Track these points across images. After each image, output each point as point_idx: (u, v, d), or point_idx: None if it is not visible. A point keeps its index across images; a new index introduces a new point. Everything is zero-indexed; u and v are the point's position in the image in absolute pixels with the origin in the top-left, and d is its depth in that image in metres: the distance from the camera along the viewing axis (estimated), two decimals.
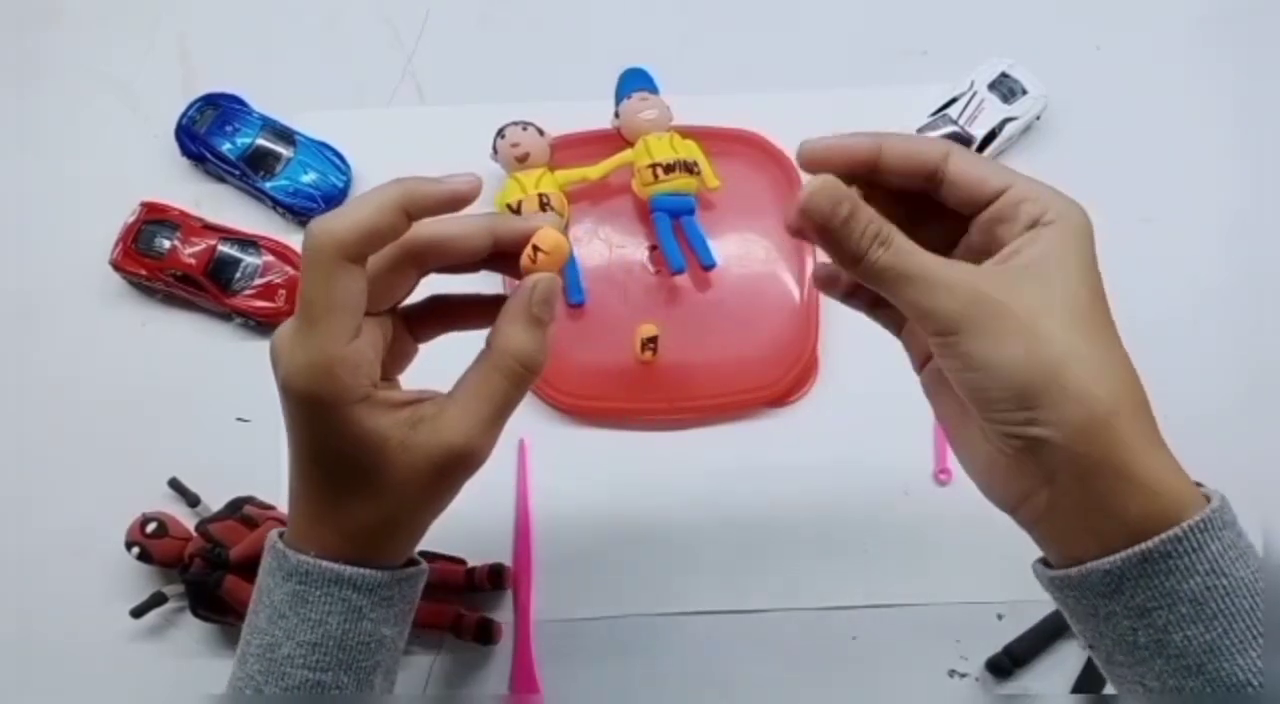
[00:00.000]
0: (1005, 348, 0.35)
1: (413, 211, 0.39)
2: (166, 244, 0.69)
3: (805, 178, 0.38)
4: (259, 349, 0.70)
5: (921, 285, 0.36)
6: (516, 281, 0.41)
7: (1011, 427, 0.36)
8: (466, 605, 0.64)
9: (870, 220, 0.37)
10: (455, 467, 0.40)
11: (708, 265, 0.69)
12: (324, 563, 0.40)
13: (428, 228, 0.40)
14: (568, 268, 0.69)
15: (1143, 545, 0.34)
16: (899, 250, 0.37)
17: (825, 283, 0.44)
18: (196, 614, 0.62)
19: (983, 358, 0.35)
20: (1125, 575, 0.35)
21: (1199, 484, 0.37)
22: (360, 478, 0.39)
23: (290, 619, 0.40)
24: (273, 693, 0.40)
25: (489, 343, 0.41)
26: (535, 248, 0.40)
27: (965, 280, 0.36)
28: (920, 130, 0.72)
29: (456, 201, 0.40)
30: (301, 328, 0.38)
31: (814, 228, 0.37)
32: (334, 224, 0.37)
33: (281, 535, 0.42)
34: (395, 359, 0.44)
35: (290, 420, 0.40)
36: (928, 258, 0.37)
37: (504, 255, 0.42)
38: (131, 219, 0.70)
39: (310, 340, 0.38)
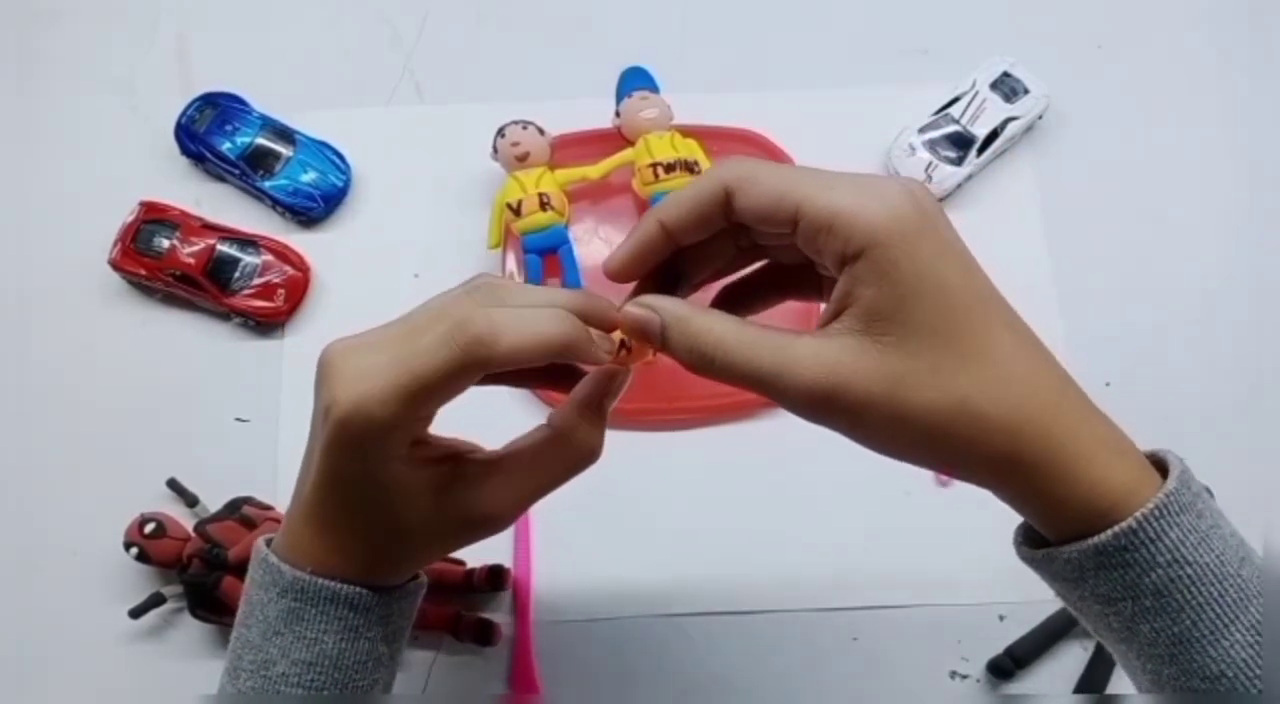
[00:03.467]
0: (881, 437, 0.34)
1: (568, 357, 0.36)
2: (165, 243, 0.69)
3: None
4: (258, 349, 0.70)
5: (770, 390, 0.34)
6: None
7: (940, 470, 0.35)
8: (466, 606, 0.64)
9: (688, 330, 0.35)
10: (478, 530, 0.39)
11: None
12: (321, 581, 0.38)
13: (502, 348, 0.35)
14: (567, 268, 0.69)
15: (1096, 539, 0.33)
16: (728, 350, 0.35)
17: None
18: (195, 615, 0.61)
19: (869, 445, 0.34)
20: (1084, 566, 0.34)
21: (1155, 456, 0.36)
22: (381, 518, 0.38)
23: (285, 636, 0.39)
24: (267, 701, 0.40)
25: (554, 426, 0.39)
26: (623, 344, 0.39)
27: (803, 377, 0.33)
28: (922, 130, 0.71)
29: (594, 362, 0.38)
30: (389, 388, 0.35)
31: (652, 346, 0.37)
32: (499, 344, 0.34)
33: (269, 542, 0.41)
34: None
35: (323, 445, 0.37)
36: (761, 351, 0.34)
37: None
38: (130, 218, 0.70)
39: (393, 403, 0.35)
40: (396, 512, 0.38)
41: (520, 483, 0.39)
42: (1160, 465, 0.36)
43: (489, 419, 0.41)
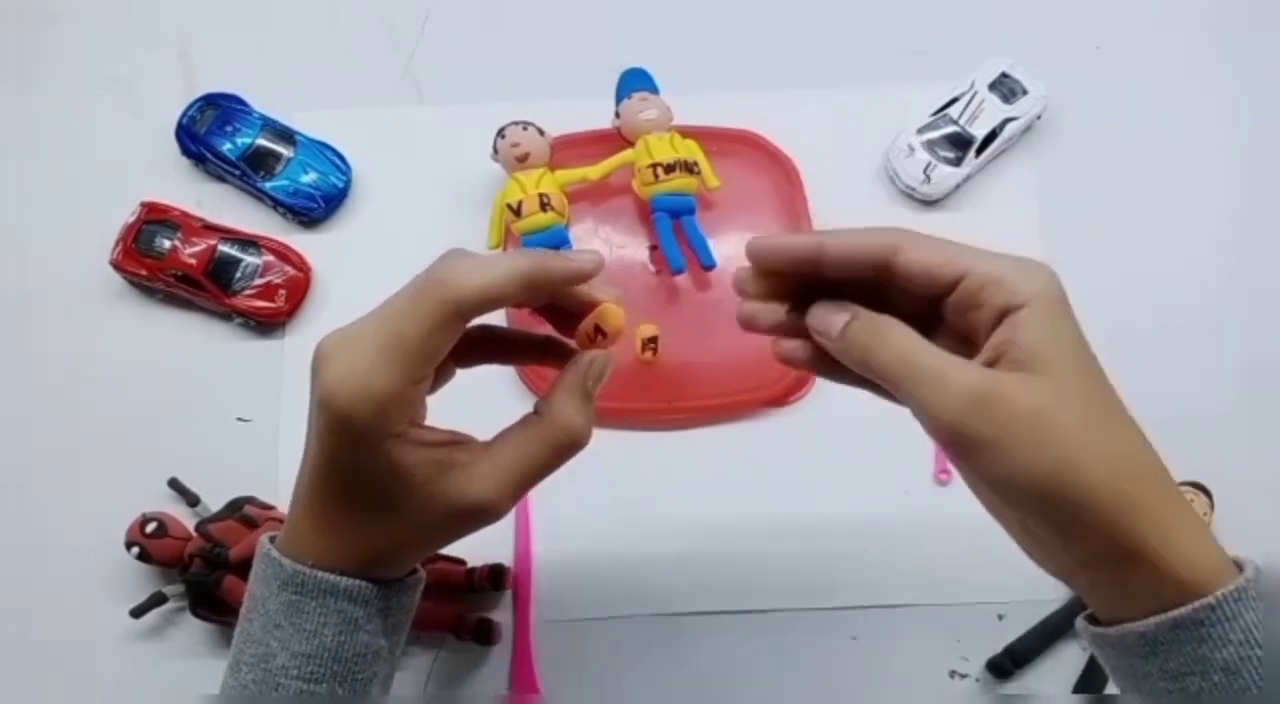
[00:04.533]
0: (1016, 457, 0.34)
1: (536, 286, 0.38)
2: (167, 244, 0.69)
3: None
4: (259, 349, 0.70)
5: (926, 387, 0.35)
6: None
7: (1039, 523, 0.36)
8: (466, 606, 0.64)
9: (870, 323, 0.37)
10: (472, 519, 0.40)
11: (708, 265, 0.69)
12: (320, 573, 0.39)
13: (469, 286, 0.37)
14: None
15: (1176, 612, 0.34)
16: (901, 344, 0.37)
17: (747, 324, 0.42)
18: (196, 614, 0.62)
19: (993, 468, 0.35)
20: (1159, 640, 0.35)
21: (1232, 556, 0.37)
22: (376, 505, 0.39)
23: (285, 629, 0.40)
24: (268, 699, 0.40)
25: (540, 412, 0.41)
26: (598, 329, 0.41)
27: (967, 383, 0.35)
28: (921, 130, 0.72)
29: (580, 278, 0.40)
30: (373, 355, 0.37)
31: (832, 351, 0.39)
32: (465, 280, 0.37)
33: (272, 539, 0.41)
34: (435, 382, 0.43)
35: (318, 431, 0.38)
36: (934, 358, 0.36)
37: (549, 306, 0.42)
38: (132, 219, 0.70)
39: (379, 369, 0.36)
40: (391, 497, 0.38)
41: (510, 468, 0.40)
42: (1238, 563, 0.37)
43: (484, 415, 0.42)
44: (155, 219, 0.70)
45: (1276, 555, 0.37)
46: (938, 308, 0.38)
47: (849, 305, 0.39)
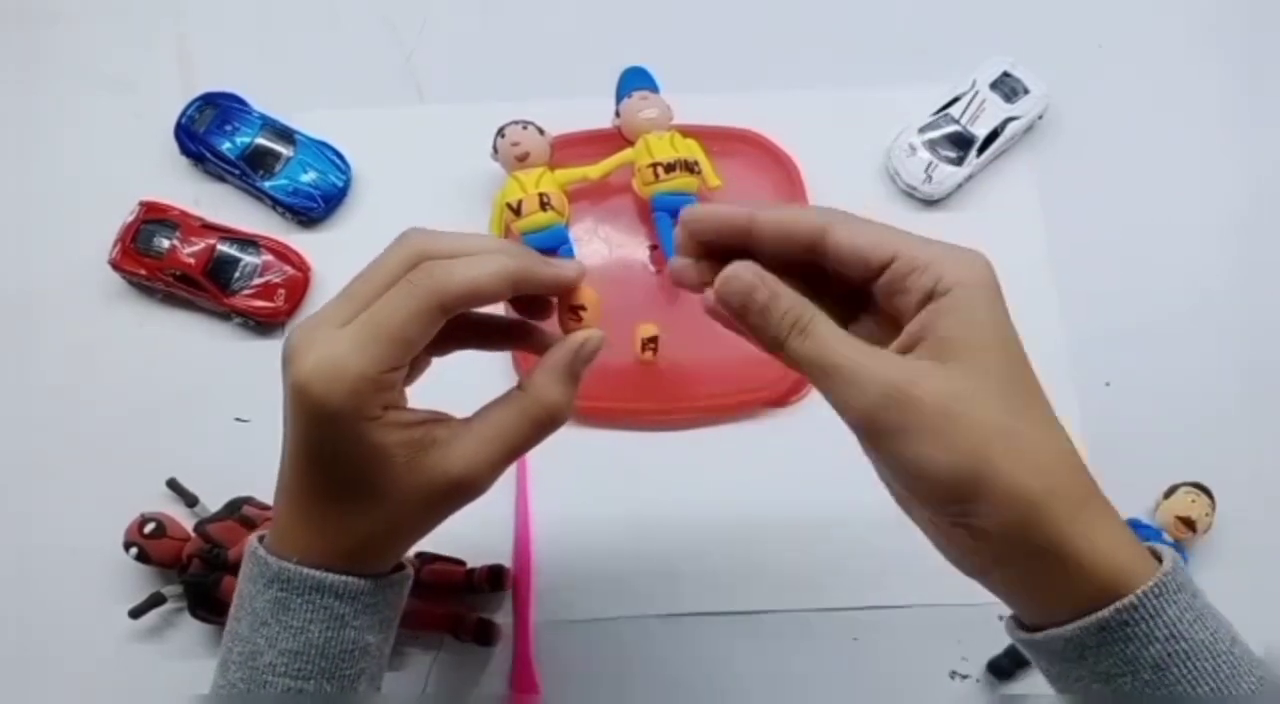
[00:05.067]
0: (921, 448, 0.34)
1: (519, 288, 0.39)
2: (166, 243, 0.69)
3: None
4: (258, 349, 0.70)
5: (837, 380, 0.36)
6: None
7: (947, 518, 0.36)
8: (466, 606, 0.64)
9: (789, 308, 0.37)
10: (455, 495, 0.40)
11: None
12: (305, 570, 0.39)
13: (457, 283, 0.38)
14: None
15: (1099, 614, 0.35)
16: (818, 339, 0.36)
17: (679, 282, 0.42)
18: (195, 615, 0.61)
19: (900, 460, 0.35)
20: (1086, 643, 0.35)
21: (1151, 547, 0.37)
22: (357, 490, 0.39)
23: (272, 626, 0.40)
24: (256, 697, 0.40)
25: (522, 386, 0.41)
26: (575, 308, 0.41)
27: (877, 375, 0.35)
28: (922, 130, 0.71)
29: (560, 287, 0.41)
30: (347, 342, 0.37)
31: (731, 313, 0.38)
32: (450, 276, 0.37)
33: (261, 539, 0.42)
34: (410, 373, 0.43)
35: (294, 420, 0.39)
36: (848, 349, 0.36)
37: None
38: (130, 218, 0.70)
39: (352, 356, 0.36)
40: (372, 480, 0.38)
41: (490, 443, 0.40)
42: (1154, 553, 0.37)
43: (475, 399, 0.42)
44: (154, 218, 0.70)
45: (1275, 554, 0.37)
46: (869, 289, 0.38)
47: (761, 276, 0.38)
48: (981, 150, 0.71)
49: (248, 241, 0.70)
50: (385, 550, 0.42)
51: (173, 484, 0.66)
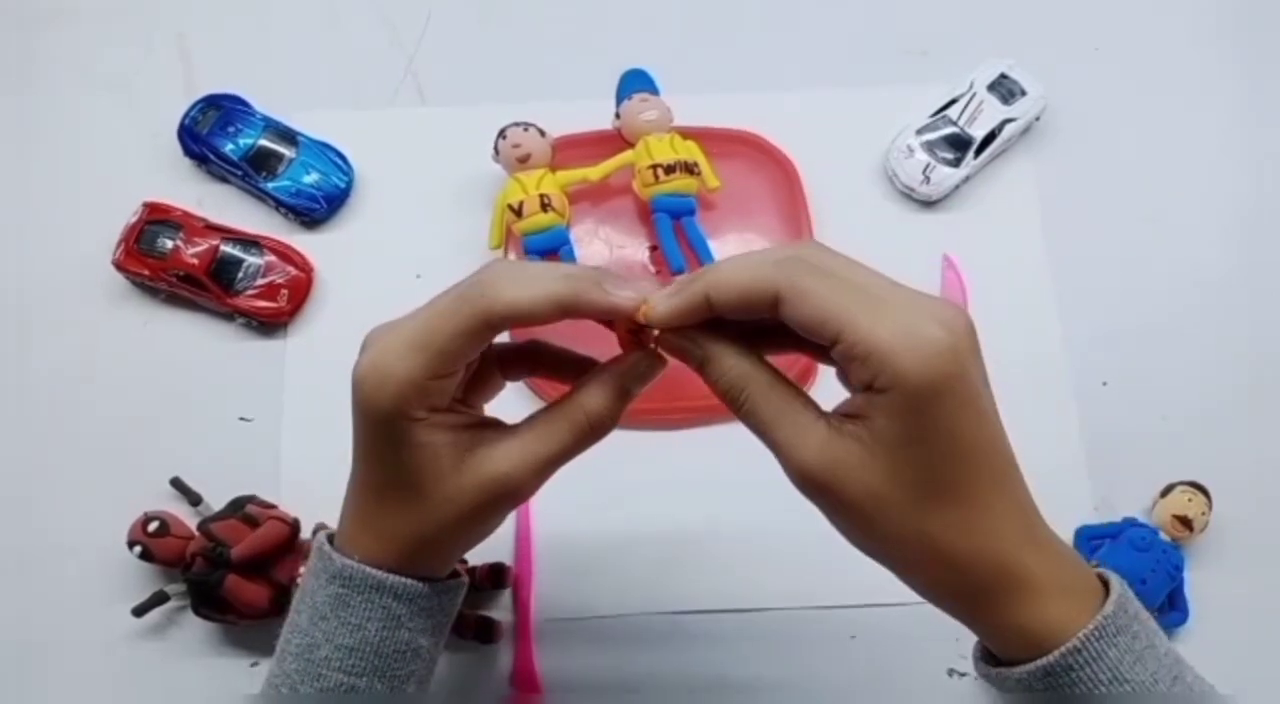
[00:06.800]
0: (845, 530, 0.38)
1: (569, 312, 0.39)
2: (169, 244, 0.69)
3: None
4: (261, 349, 0.70)
5: (772, 449, 0.38)
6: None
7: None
8: (467, 604, 0.64)
9: (723, 375, 0.39)
10: (500, 496, 0.40)
11: None
12: (367, 569, 0.41)
13: (503, 302, 0.38)
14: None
15: (1044, 660, 0.36)
16: (753, 412, 0.38)
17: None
18: (198, 613, 0.62)
19: (852, 542, 0.38)
20: (1033, 687, 0.37)
21: (1101, 576, 0.39)
22: (408, 490, 0.40)
23: (331, 621, 0.41)
24: (307, 693, 0.41)
25: (572, 396, 0.42)
26: (631, 331, 0.41)
27: (805, 461, 0.36)
28: (920, 131, 0.72)
29: (615, 315, 0.40)
30: (401, 345, 0.38)
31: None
32: (498, 295, 0.38)
33: (330, 538, 0.43)
34: (480, 391, 0.44)
35: (353, 417, 0.40)
36: (784, 424, 0.37)
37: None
38: (134, 219, 0.70)
39: (401, 360, 0.38)
40: (421, 478, 0.40)
41: (533, 447, 0.41)
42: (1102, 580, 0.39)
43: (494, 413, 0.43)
44: (157, 219, 0.70)
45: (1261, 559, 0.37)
46: None
47: (702, 335, 0.39)
48: (979, 152, 0.71)
49: (251, 242, 0.71)
50: (437, 553, 0.43)
51: (176, 483, 0.66)
